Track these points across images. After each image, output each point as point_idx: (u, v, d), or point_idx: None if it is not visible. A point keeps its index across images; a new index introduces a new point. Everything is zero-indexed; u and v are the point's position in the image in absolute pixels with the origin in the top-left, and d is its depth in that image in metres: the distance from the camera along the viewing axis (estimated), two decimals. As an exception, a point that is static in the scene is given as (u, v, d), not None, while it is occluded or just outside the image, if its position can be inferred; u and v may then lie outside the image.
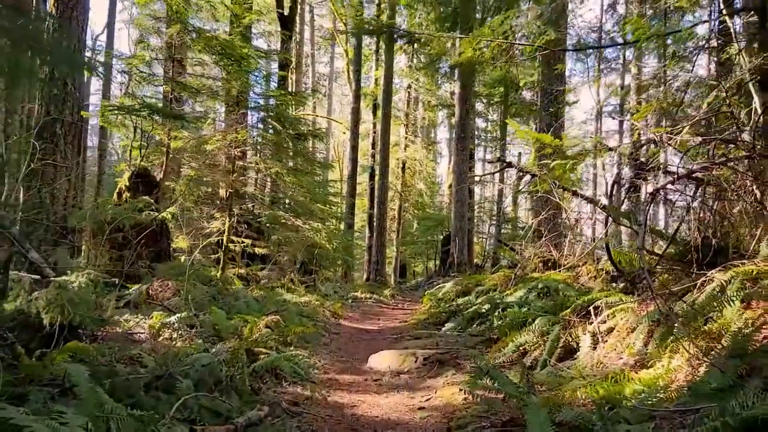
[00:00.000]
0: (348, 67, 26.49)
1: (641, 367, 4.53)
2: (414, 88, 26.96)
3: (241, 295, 8.62)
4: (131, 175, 10.33)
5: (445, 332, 7.88)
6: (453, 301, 9.98)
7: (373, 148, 24.74)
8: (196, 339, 5.58)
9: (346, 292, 13.26)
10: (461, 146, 21.39)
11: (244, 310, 6.97)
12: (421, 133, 30.04)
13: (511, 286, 9.41)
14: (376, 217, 22.67)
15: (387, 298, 12.78)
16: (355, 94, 23.81)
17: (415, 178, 26.80)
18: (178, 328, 5.68)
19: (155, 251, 9.96)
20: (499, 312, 7.90)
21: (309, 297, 9.89)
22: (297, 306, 8.75)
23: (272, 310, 7.62)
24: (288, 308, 8.05)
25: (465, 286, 10.54)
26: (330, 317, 8.97)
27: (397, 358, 5.83)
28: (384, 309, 11.26)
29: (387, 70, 23.05)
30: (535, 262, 9.56)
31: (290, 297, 9.46)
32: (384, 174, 22.92)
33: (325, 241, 12.41)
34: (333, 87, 39.13)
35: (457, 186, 21.09)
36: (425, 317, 8.99)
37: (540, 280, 8.84)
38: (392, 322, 9.46)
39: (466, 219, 21.57)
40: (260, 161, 11.65)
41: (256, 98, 12.99)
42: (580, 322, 5.37)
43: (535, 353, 5.28)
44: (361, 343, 7.38)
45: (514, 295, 8.59)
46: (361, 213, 27.08)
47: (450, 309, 8.69)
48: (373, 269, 22.28)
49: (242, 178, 12.29)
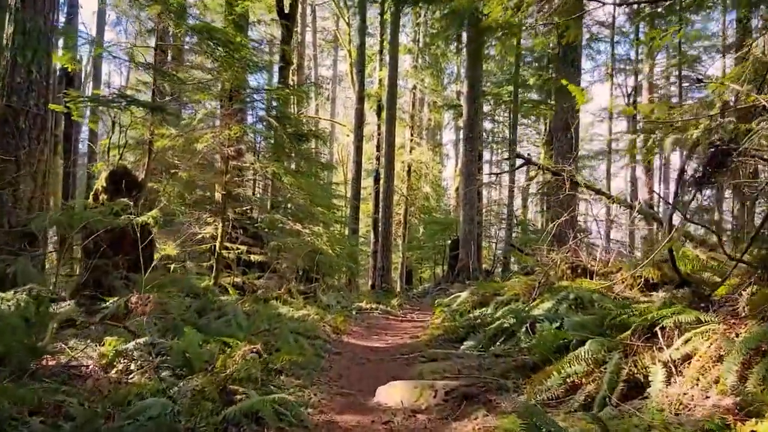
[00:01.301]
0: (351, 68, 25.35)
1: (744, 413, 3.31)
2: (419, 89, 25.81)
3: (229, 310, 7.42)
4: (109, 176, 9.16)
5: (464, 351, 6.65)
6: (469, 312, 8.75)
7: (378, 151, 23.55)
8: (160, 371, 4.38)
9: (350, 301, 12.04)
10: (470, 147, 20.18)
11: (225, 331, 5.76)
12: (427, 135, 28.85)
13: (536, 296, 8.18)
14: (381, 222, 21.45)
15: (394, 309, 11.55)
16: (358, 95, 22.64)
17: (421, 181, 25.59)
18: (137, 357, 4.48)
19: (135, 260, 8.78)
20: (526, 328, 6.67)
21: (308, 310, 8.68)
22: (293, 321, 7.54)
23: (262, 329, 6.41)
24: (281, 325, 6.84)
25: (482, 295, 9.32)
26: (331, 333, 7.76)
27: (411, 391, 4.61)
28: (391, 321, 10.04)
29: (391, 70, 21.85)
30: (561, 269, 8.33)
31: (286, 310, 8.25)
32: (389, 177, 21.68)
33: (327, 246, 11.21)
34: (336, 91, 38.03)
35: (466, 188, 19.86)
36: (439, 332, 7.76)
37: (570, 289, 7.61)
38: (402, 337, 8.24)
39: (475, 222, 20.33)
40: (255, 160, 10.48)
41: (253, 94, 11.83)
42: (646, 348, 4.14)
43: (590, 388, 4.05)
44: (367, 367, 6.15)
45: (542, 307, 7.36)
46: (366, 218, 25.88)
47: (468, 323, 7.46)
48: (379, 276, 21.04)
49: (237, 179, 11.11)
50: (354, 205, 21.04)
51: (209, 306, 7.59)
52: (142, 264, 9.18)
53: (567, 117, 14.23)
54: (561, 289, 7.76)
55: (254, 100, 11.30)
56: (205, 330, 5.90)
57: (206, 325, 6.00)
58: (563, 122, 14.22)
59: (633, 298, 7.73)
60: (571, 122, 14.31)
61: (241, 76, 11.02)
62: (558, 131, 14.34)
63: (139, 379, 4.23)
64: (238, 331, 5.90)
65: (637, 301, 6.53)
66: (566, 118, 14.22)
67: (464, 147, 20.57)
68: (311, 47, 32.44)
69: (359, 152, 22.70)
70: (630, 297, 7.75)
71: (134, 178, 9.46)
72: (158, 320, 5.91)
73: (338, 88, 38.60)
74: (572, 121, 14.38)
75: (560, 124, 14.26)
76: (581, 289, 7.47)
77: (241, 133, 10.44)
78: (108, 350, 4.50)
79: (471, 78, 19.78)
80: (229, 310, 7.48)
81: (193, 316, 6.91)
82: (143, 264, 9.32)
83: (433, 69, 24.72)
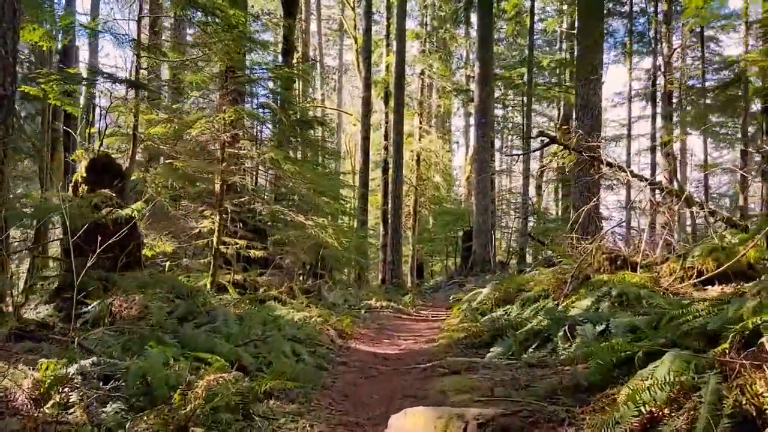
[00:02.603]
0: (357, 55, 24.23)
1: None
2: (427, 74, 24.63)
3: (219, 314, 6.39)
4: (89, 165, 8.14)
5: (492, 360, 5.57)
6: (492, 311, 7.67)
7: (386, 140, 22.44)
8: (110, 404, 3.35)
9: (359, 299, 10.99)
10: (482, 132, 19.02)
11: (206, 343, 4.71)
12: (436, 122, 27.67)
13: (569, 292, 7.08)
14: (390, 213, 20.37)
15: (406, 306, 10.48)
16: (365, 82, 21.50)
17: (431, 170, 24.47)
18: (81, 384, 3.44)
19: (117, 258, 7.78)
20: (564, 331, 5.58)
21: (310, 311, 7.63)
22: (292, 325, 6.50)
23: (253, 337, 5.37)
24: (276, 333, 5.80)
25: (505, 291, 8.23)
26: (336, 338, 6.71)
27: (433, 423, 3.54)
28: (404, 321, 8.99)
29: (399, 55, 20.68)
30: (598, 260, 7.21)
31: (285, 312, 7.20)
32: (398, 167, 20.55)
33: (332, 239, 10.16)
34: (342, 81, 36.88)
35: (479, 176, 18.72)
36: (460, 336, 6.68)
37: (610, 284, 6.51)
38: (416, 341, 7.17)
39: (489, 212, 19.20)
40: (252, 146, 9.43)
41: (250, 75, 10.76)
42: (755, 369, 3.03)
43: (677, 423, 2.96)
44: (378, 382, 5.10)
45: (579, 306, 6.27)
46: (375, 210, 24.83)
47: (492, 325, 6.38)
48: (389, 269, 19.97)
49: (233, 168, 10.06)
50: (362, 195, 19.96)
51: (196, 310, 6.56)
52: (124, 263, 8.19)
53: (589, 93, 13.05)
54: (599, 283, 6.67)
55: (251, 80, 10.22)
56: (186, 340, 4.87)
57: (187, 334, 4.96)
58: (584, 100, 13.04)
59: (685, 293, 6.62)
60: (593, 99, 13.13)
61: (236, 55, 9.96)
62: (579, 110, 13.17)
63: (80, 416, 3.20)
64: (223, 342, 4.86)
65: (700, 299, 5.43)
66: (588, 94, 13.04)
67: (476, 133, 19.41)
68: (316, 36, 31.31)
69: (367, 141, 21.60)
70: (680, 292, 6.65)
71: (118, 168, 8.43)
72: (128, 330, 4.88)
73: (344, 78, 37.47)
74: (594, 99, 13.20)
75: (581, 102, 13.09)
76: (624, 284, 6.37)
77: (236, 117, 9.39)
78: (44, 376, 3.46)
79: (482, 59, 18.59)
80: (218, 314, 6.46)
81: (174, 323, 5.89)
82: (127, 262, 8.32)
83: (442, 53, 23.55)
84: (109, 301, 6.79)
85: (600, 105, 13.67)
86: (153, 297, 7.07)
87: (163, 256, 10.63)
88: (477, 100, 18.88)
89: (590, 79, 13.17)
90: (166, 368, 3.79)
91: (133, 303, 6.88)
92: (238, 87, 10.26)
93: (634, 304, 6.04)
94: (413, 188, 23.79)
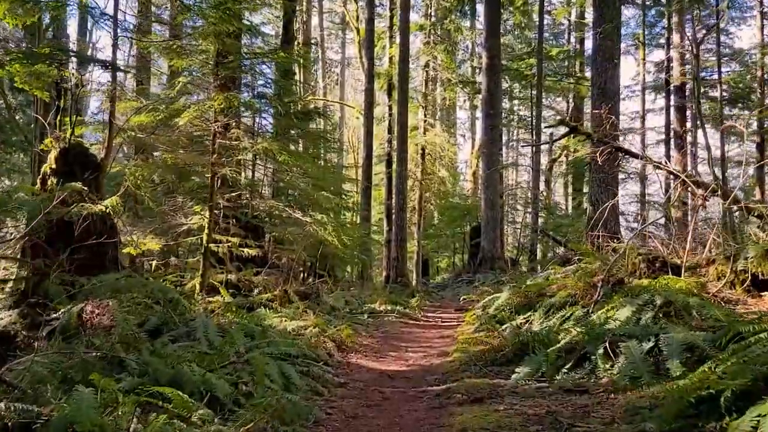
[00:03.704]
0: (359, 47, 23.23)
1: None
2: (432, 66, 23.59)
3: (199, 325, 5.47)
4: (60, 155, 7.21)
5: (518, 382, 4.64)
6: (511, 319, 6.72)
7: (390, 133, 21.44)
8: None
9: (361, 301, 10.04)
10: (490, 124, 18.01)
11: (168, 371, 3.76)
12: (441, 115, 26.64)
13: (599, 298, 6.13)
14: (394, 209, 19.37)
15: (414, 311, 9.52)
16: (368, 74, 20.50)
17: (437, 164, 23.47)
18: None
19: (89, 259, 6.87)
20: (605, 348, 4.64)
21: (305, 319, 6.68)
22: (284, 338, 5.56)
23: (232, 359, 4.43)
24: (264, 348, 4.87)
25: (524, 295, 7.27)
26: (334, 351, 5.77)
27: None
28: (412, 328, 8.04)
29: (403, 45, 19.66)
30: (632, 261, 6.25)
31: (277, 321, 6.27)
32: (402, 160, 19.53)
33: (332, 236, 9.23)
34: (345, 75, 35.88)
35: (487, 170, 17.72)
36: (477, 349, 5.74)
37: (652, 290, 5.55)
38: (426, 353, 6.22)
39: (497, 207, 18.23)
40: (243, 136, 8.49)
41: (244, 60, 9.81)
42: None
43: None
44: (382, 414, 4.16)
45: (618, 317, 5.31)
46: (378, 205, 23.87)
47: (516, 337, 5.43)
48: (393, 267, 18.99)
49: (225, 160, 9.12)
50: (365, 189, 19.01)
51: (172, 320, 5.64)
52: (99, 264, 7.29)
53: (607, 81, 12.04)
54: (637, 289, 5.71)
55: (244, 65, 9.27)
56: (148, 365, 3.93)
57: (149, 358, 4.02)
58: (601, 88, 12.03)
59: (738, 301, 5.66)
60: (611, 88, 12.13)
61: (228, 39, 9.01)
62: (596, 99, 12.16)
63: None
64: (194, 367, 3.92)
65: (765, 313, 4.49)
66: (606, 82, 12.03)
67: (483, 125, 18.41)
68: (318, 29, 30.31)
69: (370, 135, 20.61)
70: (733, 299, 5.69)
71: (92, 158, 7.50)
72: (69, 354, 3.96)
73: (347, 73, 36.46)
74: (612, 87, 12.20)
75: (598, 91, 12.08)
76: (668, 291, 5.42)
77: (227, 105, 8.45)
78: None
79: (489, 48, 17.57)
80: (198, 324, 5.54)
81: (143, 338, 4.97)
82: (102, 263, 7.41)
83: (447, 44, 22.50)
84: (79, 307, 5.92)
85: (618, 93, 12.69)
86: (128, 303, 6.18)
87: (148, 255, 9.72)
88: (484, 91, 17.89)
89: (608, 66, 12.17)
90: (104, 413, 2.85)
91: (105, 309, 6.00)
92: (230, 73, 9.32)
93: (683, 314, 5.09)
94: (418, 183, 22.82)
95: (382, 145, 23.96)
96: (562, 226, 16.23)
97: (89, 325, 5.84)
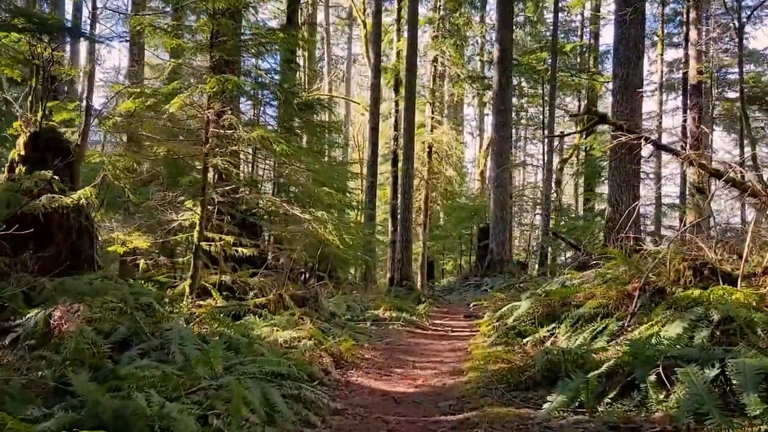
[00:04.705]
0: (366, 40, 22.40)
1: None
2: (440, 61, 22.72)
3: (175, 335, 4.65)
4: (30, 141, 6.42)
5: (552, 415, 3.79)
6: (534, 332, 5.88)
7: (396, 130, 20.61)
8: None
9: (364, 306, 9.19)
10: (500, 121, 17.14)
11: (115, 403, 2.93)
12: (449, 113, 25.76)
13: (636, 310, 5.28)
14: (400, 209, 18.52)
15: (421, 318, 8.65)
16: (374, 68, 19.63)
17: (444, 163, 22.59)
18: None
19: (57, 257, 6.07)
20: (658, 374, 3.80)
21: (301, 328, 5.84)
22: (273, 351, 4.74)
23: (202, 383, 3.61)
24: (248, 367, 4.05)
25: (545, 303, 6.41)
26: (332, 368, 4.93)
27: None
28: (419, 339, 7.19)
29: (410, 39, 18.79)
30: (677, 269, 5.39)
31: (267, 331, 5.44)
32: (408, 159, 18.63)
33: (333, 236, 8.41)
34: (351, 73, 35.04)
35: (497, 168, 16.85)
36: (497, 368, 4.90)
37: (705, 303, 4.70)
38: (437, 370, 5.37)
39: (507, 208, 17.37)
40: (237, 124, 7.66)
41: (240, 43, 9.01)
42: None
43: None
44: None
45: (667, 333, 4.46)
46: (383, 204, 23.02)
47: (545, 356, 4.58)
48: (398, 268, 18.12)
49: (217, 150, 8.31)
50: (370, 187, 18.18)
51: (144, 330, 4.81)
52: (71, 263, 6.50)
53: (630, 73, 11.17)
54: (686, 301, 4.85)
55: (241, 45, 8.46)
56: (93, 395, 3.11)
57: (92, 388, 3.19)
58: (624, 80, 11.16)
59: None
60: (634, 80, 11.26)
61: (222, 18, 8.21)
62: (617, 91, 11.29)
63: None
64: (153, 397, 3.10)
65: None
66: (629, 74, 11.16)
67: (494, 121, 17.53)
68: (324, 24, 29.51)
69: (375, 132, 19.74)
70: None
71: (66, 145, 6.69)
72: None
73: (353, 70, 35.63)
74: (635, 80, 11.33)
75: (621, 83, 11.21)
76: (725, 304, 4.57)
77: (219, 87, 7.63)
78: None
79: (501, 40, 16.71)
80: (173, 335, 4.72)
81: (103, 352, 4.16)
82: (76, 262, 6.62)
83: (456, 38, 21.62)
84: (48, 312, 5.15)
85: (642, 86, 11.81)
86: (98, 309, 5.38)
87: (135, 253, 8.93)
88: (495, 85, 17.03)
89: (631, 56, 11.30)
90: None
91: (76, 313, 5.22)
92: (224, 54, 8.50)
93: (747, 333, 4.24)
94: (424, 182, 21.95)
95: (387, 144, 23.14)
96: (576, 228, 15.34)
97: (57, 332, 5.09)
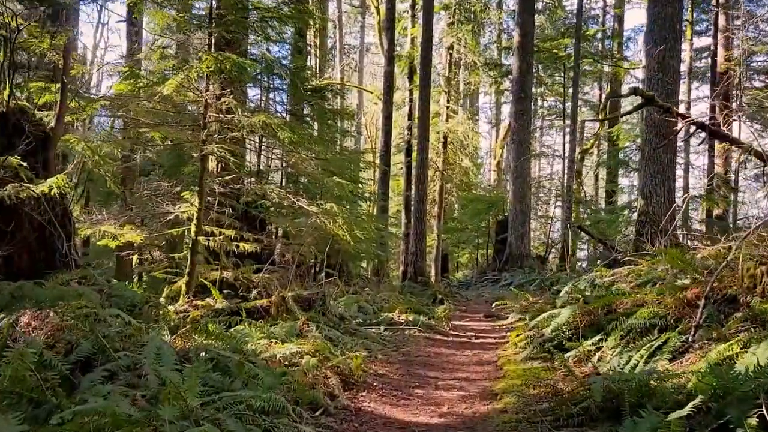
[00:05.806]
0: (379, 27, 21.45)
1: None
2: (456, 49, 21.70)
3: (149, 350, 3.83)
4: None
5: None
6: (575, 344, 4.98)
7: (410, 120, 19.65)
8: None
9: (377, 306, 8.33)
10: (520, 109, 16.14)
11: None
12: (464, 102, 24.72)
13: (702, 322, 4.36)
14: (414, 200, 17.61)
15: (440, 322, 7.73)
16: (387, 56, 18.67)
17: (459, 153, 21.61)
18: None
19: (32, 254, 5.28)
20: (762, 415, 2.90)
21: (303, 340, 4.99)
22: (268, 372, 3.89)
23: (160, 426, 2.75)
24: (238, 393, 3.22)
25: (584, 309, 5.49)
26: (339, 390, 4.08)
27: None
28: (440, 348, 6.30)
29: (425, 24, 17.78)
30: (751, 273, 4.46)
31: (264, 343, 4.59)
32: (423, 149, 17.69)
33: (342, 230, 7.57)
34: (364, 62, 34.05)
35: (517, 159, 15.87)
36: (538, 392, 4.02)
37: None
38: (465, 394, 4.48)
39: (527, 200, 16.40)
40: (236, 107, 6.82)
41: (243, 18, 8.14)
42: None
43: None
44: None
45: (756, 357, 3.54)
46: (396, 196, 22.14)
47: (602, 383, 3.67)
48: (411, 262, 17.26)
49: (216, 136, 7.48)
50: (383, 177, 17.29)
51: (113, 345, 3.98)
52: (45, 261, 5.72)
53: (666, 55, 10.14)
54: (767, 313, 3.94)
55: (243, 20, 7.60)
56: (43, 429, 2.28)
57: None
58: (660, 63, 10.14)
59: None
60: (671, 62, 10.23)
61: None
62: (651, 75, 10.29)
63: None
64: None
65: None
66: (665, 56, 10.13)
67: (514, 109, 16.53)
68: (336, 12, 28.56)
69: (389, 121, 18.81)
70: None
71: (39, 128, 5.88)
72: None
73: (366, 59, 34.65)
74: (672, 62, 10.30)
75: (656, 66, 10.19)
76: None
77: (216, 67, 6.79)
78: None
79: (522, 24, 15.68)
80: (150, 350, 3.89)
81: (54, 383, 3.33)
82: (51, 260, 5.83)
83: (474, 24, 20.57)
84: (14, 318, 4.39)
85: (679, 69, 10.77)
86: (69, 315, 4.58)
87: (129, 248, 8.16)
88: (515, 72, 16.03)
89: (667, 37, 10.27)
90: None
91: (46, 320, 4.46)
92: (223, 31, 7.65)
93: None
94: (439, 173, 21.01)
95: (401, 135, 22.22)
96: (601, 222, 14.36)
97: (23, 341, 4.31)
